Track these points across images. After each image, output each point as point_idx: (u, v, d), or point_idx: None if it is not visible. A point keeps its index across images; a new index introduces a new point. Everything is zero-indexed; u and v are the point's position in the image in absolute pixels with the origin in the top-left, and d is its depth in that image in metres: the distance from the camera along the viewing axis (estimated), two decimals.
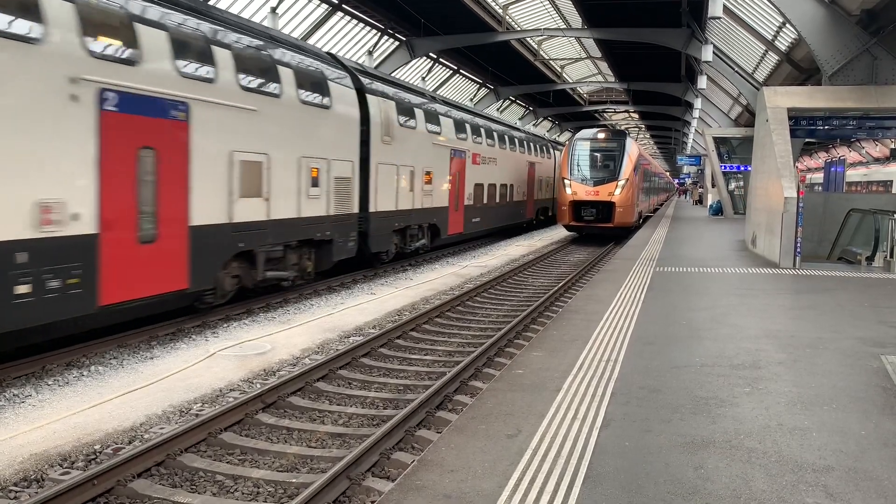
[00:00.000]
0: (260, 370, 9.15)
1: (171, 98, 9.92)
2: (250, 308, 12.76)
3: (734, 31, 26.14)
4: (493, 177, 26.09)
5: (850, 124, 18.35)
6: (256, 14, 23.43)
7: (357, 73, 16.42)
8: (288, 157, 12.86)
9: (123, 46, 9.24)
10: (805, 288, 12.81)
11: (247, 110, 11.60)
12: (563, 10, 32.34)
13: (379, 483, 5.85)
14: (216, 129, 10.93)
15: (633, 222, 28.53)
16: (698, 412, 5.82)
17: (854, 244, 17.27)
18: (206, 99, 10.65)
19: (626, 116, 64.29)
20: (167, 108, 9.89)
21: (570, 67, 45.31)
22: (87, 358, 9.39)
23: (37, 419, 7.09)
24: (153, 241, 9.75)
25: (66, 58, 8.31)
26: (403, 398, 8.19)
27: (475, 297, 14.66)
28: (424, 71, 36.76)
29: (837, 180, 28.22)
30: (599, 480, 4.47)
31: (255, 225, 12.03)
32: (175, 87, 10.01)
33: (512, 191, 28.89)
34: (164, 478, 6.02)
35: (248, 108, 11.64)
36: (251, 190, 11.85)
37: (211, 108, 10.76)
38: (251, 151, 11.79)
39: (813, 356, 7.77)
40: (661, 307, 10.54)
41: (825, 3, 16.48)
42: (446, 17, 28.25)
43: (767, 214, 17.17)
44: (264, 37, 12.77)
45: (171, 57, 9.98)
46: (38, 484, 5.82)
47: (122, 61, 9.17)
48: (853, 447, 5.12)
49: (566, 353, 7.69)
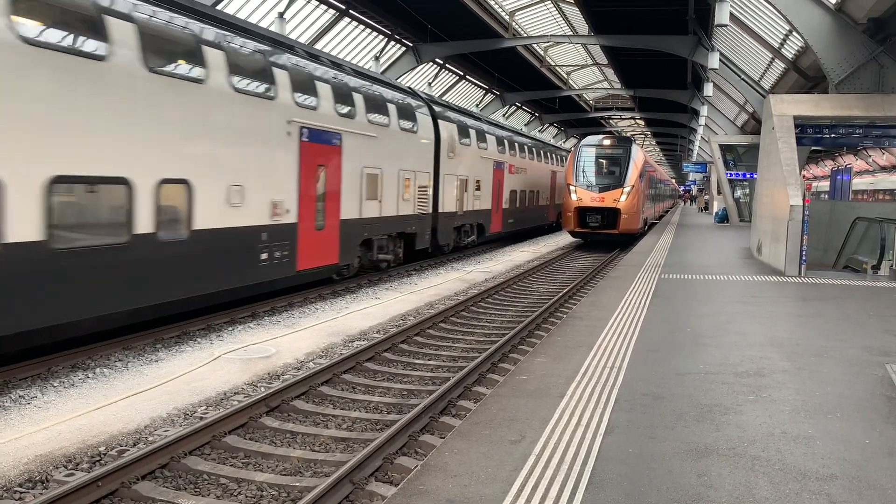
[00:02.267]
0: (264, 374, 9.17)
1: (333, 131, 14.31)
2: (255, 311, 12.79)
3: (741, 39, 26.14)
4: (524, 184, 30.25)
5: (857, 132, 18.33)
6: (264, 19, 23.55)
7: (431, 103, 20.89)
8: (392, 171, 17.27)
9: (310, 97, 13.50)
10: (810, 296, 12.79)
11: (371, 137, 15.96)
12: (569, 16, 32.41)
13: (382, 487, 5.86)
14: (355, 151, 15.25)
15: (639, 229, 28.50)
16: (702, 419, 5.82)
17: (860, 252, 17.23)
18: (350, 130, 14.99)
19: (631, 123, 64.34)
20: (331, 137, 14.30)
21: (576, 74, 45.41)
22: (93, 360, 9.43)
23: (42, 420, 7.12)
24: (322, 229, 14.17)
25: (287, 108, 12.70)
26: (407, 403, 8.20)
27: (479, 303, 14.67)
28: (431, 76, 36.86)
29: (843, 188, 28.16)
30: (602, 487, 4.47)
31: (373, 220, 16.49)
32: (335, 123, 14.38)
33: (538, 196, 32.86)
34: (169, 480, 6.04)
35: (372, 135, 16.00)
36: (371, 194, 16.21)
37: (352, 137, 15.09)
38: (373, 167, 16.19)
39: (817, 364, 7.75)
40: (666, 314, 10.53)
41: (832, 11, 16.49)
42: (453, 23, 28.34)
43: (773, 222, 17.16)
44: (378, 81, 17.50)
45: (333, 102, 14.36)
46: (42, 485, 5.84)
47: (310, 108, 13.47)
48: (857, 456, 5.11)
49: (570, 359, 7.70)
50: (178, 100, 10.11)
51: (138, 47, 9.33)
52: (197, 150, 10.62)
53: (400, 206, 17.76)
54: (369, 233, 16.25)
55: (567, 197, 27.47)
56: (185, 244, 10.42)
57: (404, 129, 17.89)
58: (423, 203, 19.39)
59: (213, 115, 10.85)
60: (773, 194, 17.28)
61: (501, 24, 30.11)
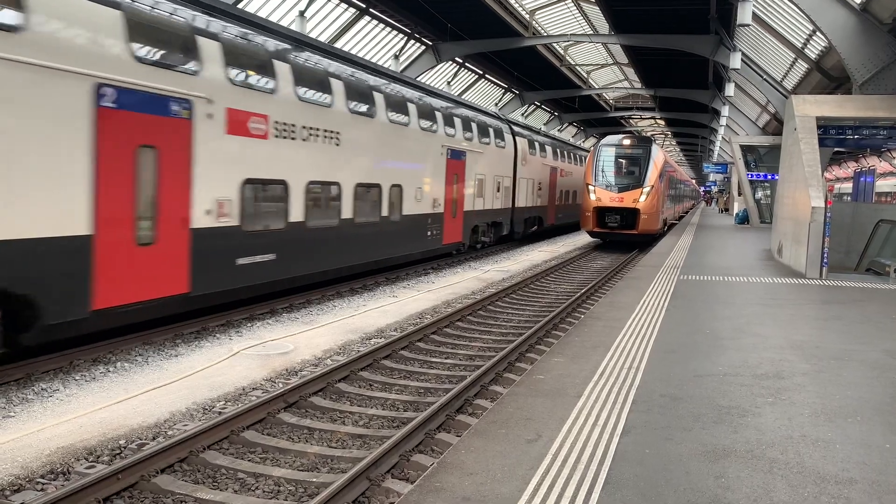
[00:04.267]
0: (282, 370, 9.23)
1: (461, 150, 20.57)
2: (273, 308, 12.88)
3: (763, 39, 25.90)
4: (568, 185, 35.38)
5: (881, 134, 18.08)
6: (285, 17, 23.66)
7: (510, 123, 27.34)
8: (490, 176, 23.41)
9: (452, 129, 19.88)
10: (831, 299, 12.66)
11: (479, 153, 22.25)
12: (590, 16, 32.26)
13: (398, 484, 5.88)
14: (472, 163, 21.59)
15: (658, 230, 28.32)
16: (720, 421, 5.79)
17: (883, 255, 17.01)
18: (470, 149, 21.32)
19: (652, 123, 63.90)
20: (460, 154, 20.53)
21: (596, 73, 45.19)
22: (114, 354, 9.54)
23: (64, 413, 7.22)
24: (455, 217, 20.53)
25: (441, 137, 19.12)
26: (424, 401, 8.22)
27: (496, 302, 14.66)
28: (450, 75, 36.86)
29: (867, 190, 27.83)
30: (619, 487, 4.47)
31: (480, 212, 22.85)
32: (462, 144, 20.72)
33: (576, 195, 36.77)
34: (187, 474, 6.10)
35: (480, 151, 22.28)
36: (479, 193, 22.40)
37: (471, 154, 21.46)
38: (480, 174, 22.36)
39: (838, 367, 7.68)
40: (685, 315, 10.47)
41: (856, 11, 16.29)
42: (473, 21, 28.32)
43: (794, 224, 16.99)
44: (481, 111, 24.04)
45: (462, 131, 20.76)
46: (64, 476, 5.93)
47: (451, 136, 19.76)
48: (877, 460, 5.06)
49: (588, 359, 7.68)
50: (399, 136, 16.68)
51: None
52: (405, 165, 17.11)
53: (493, 202, 23.99)
54: (477, 221, 22.72)
55: (586, 197, 27.35)
56: (400, 223, 17.04)
57: (497, 145, 24.17)
58: (506, 200, 25.60)
59: (411, 145, 17.37)
60: (794, 196, 17.11)
61: (521, 23, 30.03)
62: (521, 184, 27.04)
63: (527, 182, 27.76)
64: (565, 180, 34.38)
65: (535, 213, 29.38)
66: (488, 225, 24.14)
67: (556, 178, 32.25)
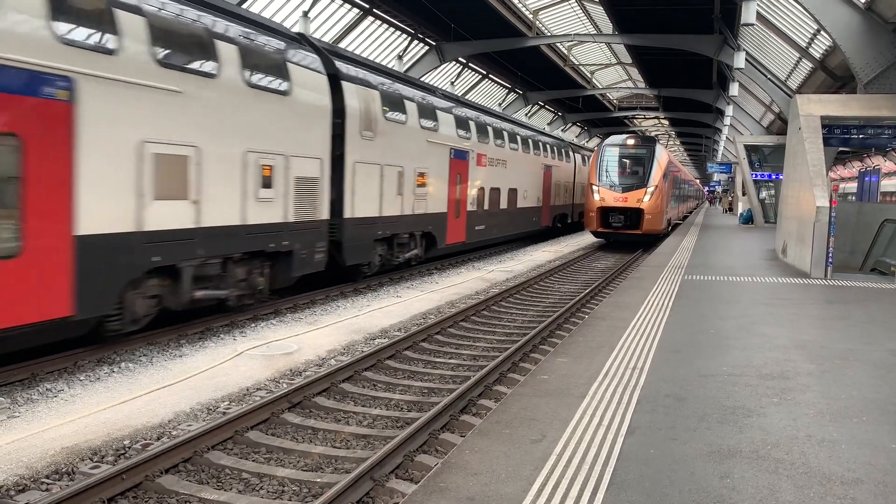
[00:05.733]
0: (286, 370, 9.23)
1: (550, 165, 30.51)
2: (278, 308, 12.89)
3: (767, 38, 25.84)
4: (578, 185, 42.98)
5: (886, 133, 18.02)
6: (288, 18, 23.68)
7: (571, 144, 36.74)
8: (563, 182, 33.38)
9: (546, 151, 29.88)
10: (836, 298, 12.62)
11: (557, 166, 31.54)
12: (593, 15, 32.24)
13: (402, 485, 5.88)
14: (554, 174, 31.33)
15: (662, 229, 28.28)
16: (725, 421, 5.77)
17: (888, 255, 16.95)
18: (554, 164, 31.08)
19: (656, 123, 63.83)
20: (550, 168, 30.35)
21: (599, 73, 45.14)
22: (118, 355, 9.55)
23: (68, 413, 7.23)
24: (546, 208, 30.44)
25: (541, 159, 29.07)
26: (428, 401, 8.22)
27: (500, 302, 14.65)
28: (454, 76, 36.85)
29: (871, 190, 27.75)
30: (623, 487, 4.46)
31: (557, 206, 32.14)
32: (551, 162, 30.64)
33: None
34: (192, 474, 6.10)
35: (557, 165, 31.50)
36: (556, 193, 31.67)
37: (555, 167, 31.19)
38: (557, 181, 31.80)
39: (843, 367, 7.66)
40: (689, 315, 10.45)
41: (861, 10, 16.24)
42: (476, 22, 28.31)
43: (799, 224, 16.95)
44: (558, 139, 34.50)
45: (550, 152, 30.73)
46: (68, 477, 5.93)
47: (545, 157, 29.78)
48: (883, 460, 5.04)
49: (592, 359, 7.67)
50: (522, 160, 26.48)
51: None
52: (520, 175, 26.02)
53: (564, 199, 33.96)
54: (556, 212, 32.40)
55: (590, 196, 27.33)
56: (515, 213, 25.38)
57: (566, 161, 33.77)
58: (567, 199, 34.76)
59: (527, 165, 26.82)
60: (798, 195, 17.07)
61: (525, 23, 30.02)
62: (555, 187, 33.11)
63: (557, 184, 33.65)
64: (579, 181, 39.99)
65: (561, 210, 35.26)
66: (560, 214, 33.58)
67: (574, 182, 38.39)
